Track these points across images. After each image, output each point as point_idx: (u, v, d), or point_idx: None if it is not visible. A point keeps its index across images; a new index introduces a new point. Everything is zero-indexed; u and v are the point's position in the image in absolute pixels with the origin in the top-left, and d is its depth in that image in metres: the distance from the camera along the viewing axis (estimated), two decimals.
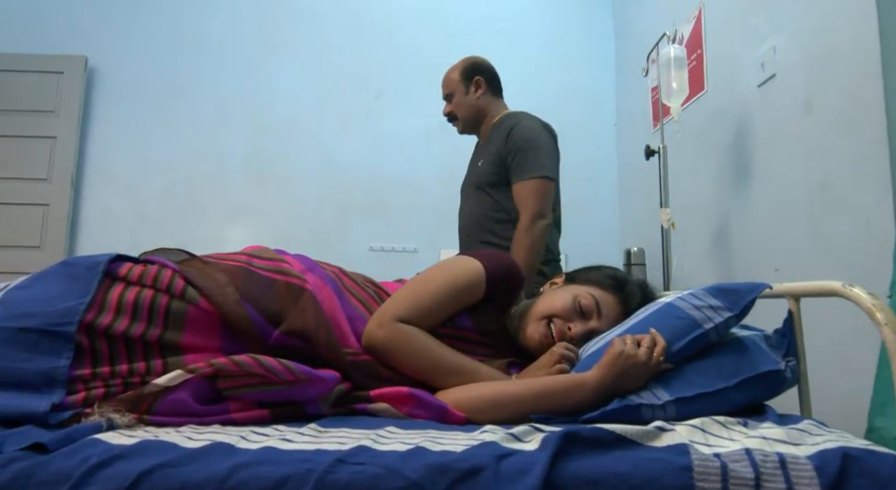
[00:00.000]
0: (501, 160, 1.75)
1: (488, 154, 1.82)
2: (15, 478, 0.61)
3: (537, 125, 1.78)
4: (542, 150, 1.71)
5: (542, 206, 1.67)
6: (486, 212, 1.79)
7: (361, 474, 0.63)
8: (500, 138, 1.78)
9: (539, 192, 1.68)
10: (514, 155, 1.72)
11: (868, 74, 1.22)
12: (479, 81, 1.87)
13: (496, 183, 1.77)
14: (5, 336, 0.77)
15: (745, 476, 0.64)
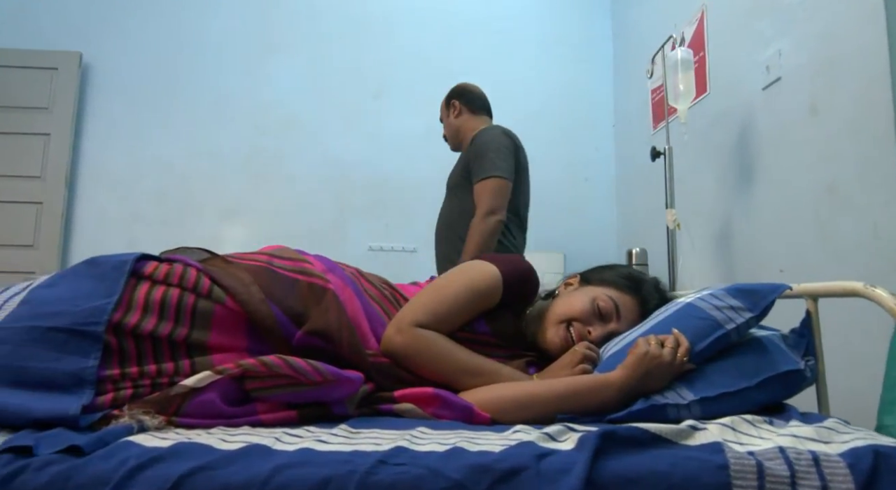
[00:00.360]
0: (465, 165, 1.93)
1: (461, 160, 2.02)
2: (52, 481, 0.60)
3: (497, 132, 1.93)
4: (497, 152, 1.84)
5: (494, 203, 1.78)
6: (454, 212, 1.94)
7: (404, 475, 0.63)
8: (468, 147, 1.98)
9: (492, 190, 1.80)
10: (473, 159, 1.88)
11: (876, 78, 1.24)
12: (455, 104, 2.11)
13: (461, 185, 1.93)
14: (33, 335, 0.76)
15: (781, 474, 0.65)
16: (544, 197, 3.07)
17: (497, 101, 3.10)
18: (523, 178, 1.95)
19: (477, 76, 3.09)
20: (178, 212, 2.80)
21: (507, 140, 1.90)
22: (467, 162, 1.93)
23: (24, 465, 0.61)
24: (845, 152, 1.33)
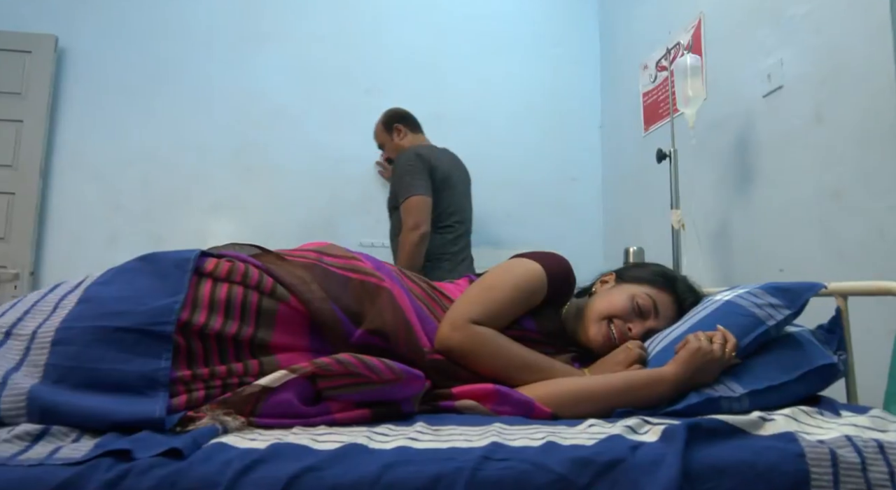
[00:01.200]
0: (392, 190, 2.19)
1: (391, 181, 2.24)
2: (158, 485, 0.58)
3: (409, 154, 2.16)
4: (410, 174, 2.09)
5: (415, 219, 2.04)
6: (395, 229, 2.18)
7: (510, 470, 0.64)
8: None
9: (410, 209, 2.06)
10: (393, 185, 2.17)
11: (882, 89, 1.32)
12: (399, 128, 2.35)
13: (396, 206, 2.16)
14: (100, 336, 0.73)
15: (852, 461, 0.70)
16: (533, 196, 3.12)
17: (486, 100, 3.14)
18: (446, 189, 2.17)
19: (467, 75, 3.12)
20: (162, 204, 2.70)
21: (416, 161, 2.13)
22: (393, 183, 2.20)
23: (127, 469, 0.59)
24: (851, 159, 1.41)
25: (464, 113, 3.02)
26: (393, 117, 2.39)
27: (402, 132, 2.36)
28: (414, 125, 2.41)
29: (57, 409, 0.65)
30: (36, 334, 0.74)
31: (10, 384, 0.66)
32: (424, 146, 2.27)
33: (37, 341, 0.73)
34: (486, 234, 2.96)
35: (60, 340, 0.72)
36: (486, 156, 3.06)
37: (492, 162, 3.03)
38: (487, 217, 2.98)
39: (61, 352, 0.72)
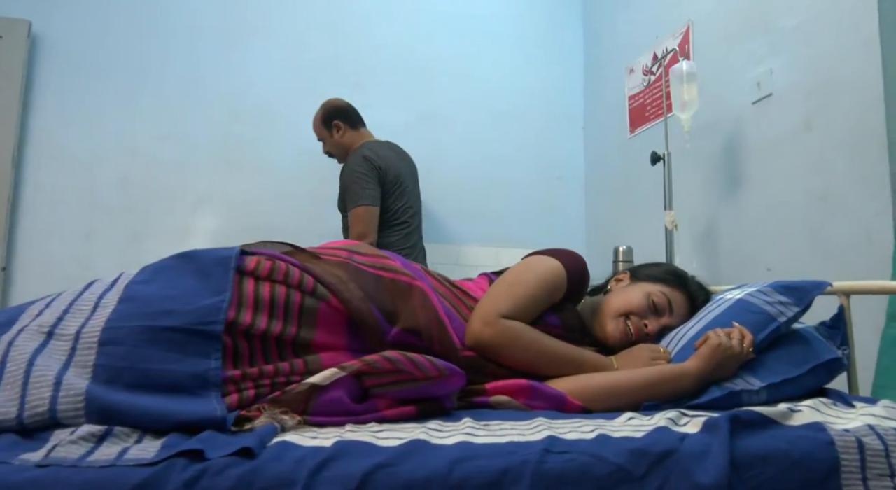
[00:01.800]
0: (343, 186, 2.23)
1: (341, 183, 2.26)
2: (237, 484, 0.58)
3: (357, 158, 2.18)
4: (358, 183, 2.13)
5: (362, 229, 2.11)
6: (345, 229, 2.28)
7: (572, 462, 0.67)
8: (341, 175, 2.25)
9: (357, 219, 2.12)
10: (343, 190, 2.22)
11: (871, 101, 1.41)
12: (338, 124, 2.33)
13: (344, 208, 2.25)
14: (149, 336, 0.72)
15: (877, 448, 0.75)
16: (518, 194, 3.17)
17: (473, 98, 3.16)
18: (397, 188, 2.23)
19: (453, 73, 3.14)
20: (142, 199, 2.61)
21: (364, 165, 2.16)
22: (344, 184, 2.22)
23: (202, 469, 0.58)
24: (839, 165, 1.49)
25: (451, 111, 3.04)
26: (332, 113, 2.36)
27: (342, 129, 2.34)
28: (354, 120, 2.38)
29: (118, 409, 0.64)
30: (80, 334, 0.72)
31: (64, 385, 0.65)
32: (369, 145, 2.26)
33: (82, 341, 0.71)
34: (473, 231, 2.99)
35: (108, 340, 0.71)
36: (472, 154, 3.09)
37: (479, 160, 3.07)
38: (474, 215, 3.01)
39: (110, 352, 0.70)
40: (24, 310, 0.79)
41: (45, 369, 0.66)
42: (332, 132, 2.35)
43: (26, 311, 0.78)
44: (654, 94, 2.44)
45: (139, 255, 2.61)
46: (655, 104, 2.43)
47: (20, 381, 0.65)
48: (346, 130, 2.34)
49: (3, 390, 0.64)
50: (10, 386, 0.64)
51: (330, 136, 2.35)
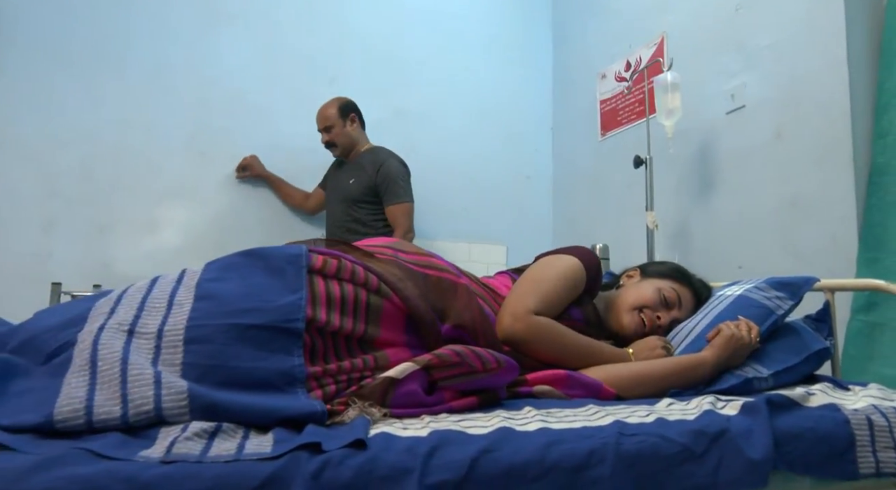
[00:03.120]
0: (371, 184, 2.37)
1: (360, 178, 2.40)
2: (357, 474, 0.61)
3: (399, 160, 2.45)
4: (405, 180, 2.40)
5: (408, 225, 2.36)
6: (355, 222, 2.39)
7: (644, 443, 0.73)
8: (371, 169, 2.40)
9: (405, 214, 2.36)
10: (384, 183, 2.37)
11: (838, 117, 1.57)
12: (354, 117, 2.49)
13: (364, 200, 2.39)
14: (235, 334, 0.72)
15: (882, 424, 0.87)
16: (489, 192, 3.24)
17: (446, 96, 3.20)
18: None
19: (429, 71, 3.16)
20: (106, 190, 2.47)
21: (404, 168, 2.44)
22: (374, 184, 2.38)
23: (324, 461, 0.60)
24: (807, 173, 1.65)
25: (425, 108, 3.06)
26: (350, 105, 2.51)
27: (356, 124, 2.49)
28: (363, 123, 2.56)
29: (222, 406, 0.64)
30: (163, 333, 0.71)
31: (165, 383, 0.64)
32: (392, 152, 2.49)
33: (166, 340, 0.71)
34: (445, 227, 3.04)
35: (194, 339, 0.70)
36: (445, 150, 3.13)
37: (451, 157, 3.11)
38: (446, 211, 3.05)
39: (198, 350, 0.70)
40: (89, 307, 0.77)
41: (141, 367, 0.65)
42: (345, 122, 2.45)
43: (93, 308, 0.76)
44: (627, 99, 2.57)
45: (103, 248, 2.49)
46: (628, 109, 2.56)
47: (118, 380, 0.64)
48: (358, 126, 2.49)
49: (101, 389, 0.63)
50: (108, 385, 0.63)
51: (342, 126, 2.45)
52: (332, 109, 2.47)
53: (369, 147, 2.52)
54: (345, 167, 2.52)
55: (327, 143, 2.49)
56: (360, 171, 2.44)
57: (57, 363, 0.69)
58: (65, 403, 0.61)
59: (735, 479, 0.75)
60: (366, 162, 2.46)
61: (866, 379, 1.09)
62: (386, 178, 2.41)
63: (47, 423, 0.60)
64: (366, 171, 2.43)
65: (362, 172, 2.44)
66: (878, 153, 1.51)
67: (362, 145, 2.51)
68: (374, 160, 2.46)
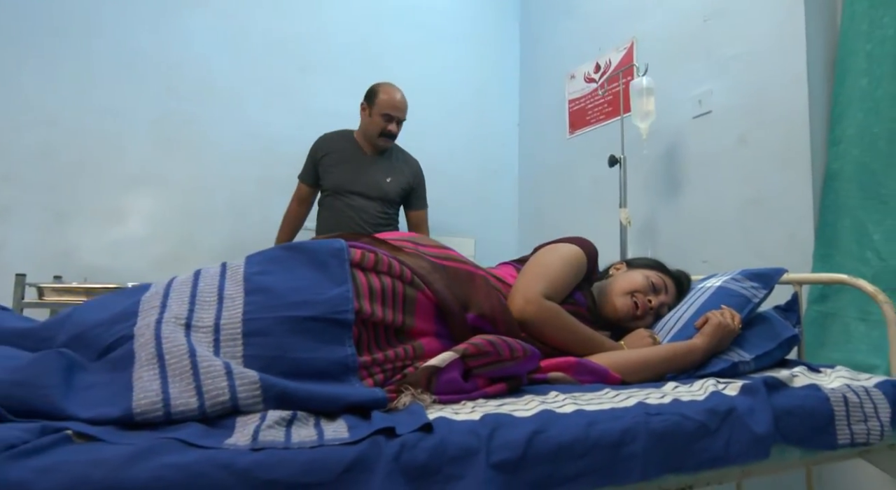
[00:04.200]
0: (407, 188, 2.41)
1: (397, 178, 2.38)
2: (432, 455, 0.65)
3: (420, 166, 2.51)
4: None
5: (428, 229, 2.51)
6: (382, 220, 2.36)
7: (668, 421, 0.81)
8: (409, 172, 2.43)
9: (427, 218, 2.51)
10: (419, 188, 2.46)
11: (797, 126, 1.72)
12: (365, 105, 2.38)
13: (394, 201, 2.40)
14: (292, 326, 0.74)
15: (855, 400, 0.99)
16: (458, 186, 3.29)
17: (417, 89, 3.19)
18: None
19: (401, 65, 3.16)
20: (66, 175, 2.35)
21: None
22: (410, 187, 2.41)
23: (401, 444, 0.64)
24: (769, 176, 1.80)
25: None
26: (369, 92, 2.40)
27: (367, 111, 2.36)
28: None
29: (294, 395, 0.67)
30: (220, 326, 0.72)
31: (237, 374, 0.66)
32: None
33: (224, 333, 0.72)
34: None
35: (252, 332, 0.72)
36: (416, 143, 3.14)
37: (424, 150, 3.12)
38: None
39: (257, 343, 0.72)
40: (136, 302, 0.77)
41: (210, 359, 0.67)
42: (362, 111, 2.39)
43: (141, 302, 0.76)
44: (595, 99, 2.68)
45: (63, 236, 2.38)
46: (597, 109, 2.68)
47: (189, 372, 0.65)
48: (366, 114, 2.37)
49: (174, 382, 0.64)
50: (180, 377, 0.65)
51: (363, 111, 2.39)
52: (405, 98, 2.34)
53: (396, 147, 2.46)
54: (367, 159, 2.37)
55: (393, 134, 2.34)
56: (395, 171, 2.39)
57: (116, 357, 0.69)
58: (141, 396, 0.62)
59: (743, 451, 0.84)
60: (400, 163, 2.43)
61: (819, 363, 1.22)
62: (421, 183, 2.47)
63: (127, 416, 0.61)
64: (403, 173, 2.41)
65: (399, 174, 2.40)
66: (832, 160, 1.67)
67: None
68: (408, 162, 2.46)
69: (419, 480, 0.63)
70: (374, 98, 2.30)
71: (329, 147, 2.39)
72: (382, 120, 2.27)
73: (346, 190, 2.33)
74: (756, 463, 0.87)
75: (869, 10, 1.63)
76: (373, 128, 2.30)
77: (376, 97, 2.29)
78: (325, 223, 2.38)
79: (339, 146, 2.38)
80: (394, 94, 2.29)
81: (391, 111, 2.26)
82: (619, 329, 1.31)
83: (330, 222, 2.35)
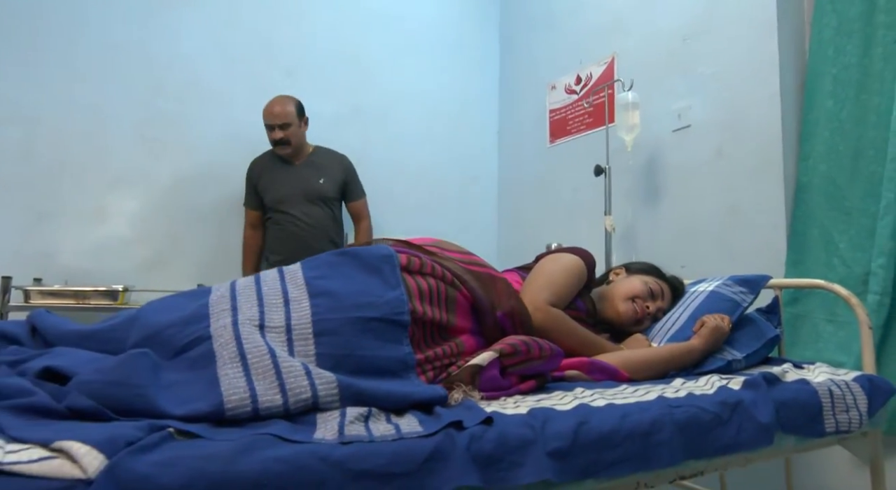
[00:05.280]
0: (341, 183, 2.55)
1: (329, 176, 2.52)
2: (497, 445, 0.71)
3: (350, 160, 2.65)
4: (357, 176, 2.65)
5: (369, 215, 2.67)
6: (330, 219, 2.51)
7: (687, 413, 0.90)
8: (337, 167, 2.56)
9: (366, 205, 2.67)
10: (352, 180, 2.60)
11: (771, 140, 1.86)
12: (306, 119, 2.54)
13: (334, 199, 2.55)
14: (359, 326, 0.79)
15: (839, 393, 1.11)
16: (440, 190, 3.36)
17: (401, 96, 3.27)
18: None
19: (385, 71, 3.21)
20: (47, 174, 2.28)
21: None
22: (343, 181, 2.56)
23: (469, 435, 0.70)
24: (745, 187, 1.94)
25: (381, 107, 3.11)
26: (303, 107, 2.52)
27: (306, 127, 2.55)
28: None
29: (368, 393, 0.72)
30: (291, 327, 0.77)
31: (315, 373, 0.70)
32: None
33: (296, 333, 0.76)
34: (400, 223, 3.11)
35: (322, 332, 0.77)
36: (401, 150, 3.20)
37: (406, 156, 3.19)
38: (401, 208, 3.13)
39: (328, 342, 0.76)
40: (203, 304, 0.80)
41: (288, 360, 0.71)
42: (300, 123, 2.49)
43: (210, 305, 0.79)
44: (576, 110, 2.80)
45: (44, 237, 2.31)
46: (578, 120, 2.79)
47: (272, 371, 0.69)
48: (305, 129, 2.55)
49: (258, 380, 0.68)
50: (264, 376, 0.69)
51: (298, 126, 2.47)
52: (290, 107, 2.45)
53: (315, 147, 2.60)
54: (296, 169, 2.51)
55: (280, 140, 2.43)
56: (323, 170, 2.52)
57: (194, 356, 0.72)
58: (231, 392, 0.66)
59: (751, 439, 0.94)
60: (325, 160, 2.56)
61: (801, 360, 1.35)
62: (352, 174, 2.61)
63: (218, 412, 0.65)
64: (332, 169, 2.54)
65: (328, 171, 2.53)
66: (802, 173, 1.82)
67: (308, 147, 2.58)
68: (333, 157, 2.59)
69: (487, 468, 0.69)
70: None
71: (261, 167, 2.53)
72: (268, 132, 2.45)
73: (287, 200, 2.47)
74: (760, 450, 0.97)
75: (834, 37, 1.79)
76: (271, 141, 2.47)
77: None
78: (276, 237, 2.48)
79: (269, 164, 2.53)
80: (268, 107, 2.45)
81: (267, 121, 2.44)
82: (616, 331, 1.41)
83: (280, 236, 2.47)
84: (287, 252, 2.39)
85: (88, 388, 0.62)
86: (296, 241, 2.44)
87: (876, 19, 1.69)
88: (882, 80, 1.66)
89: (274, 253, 2.45)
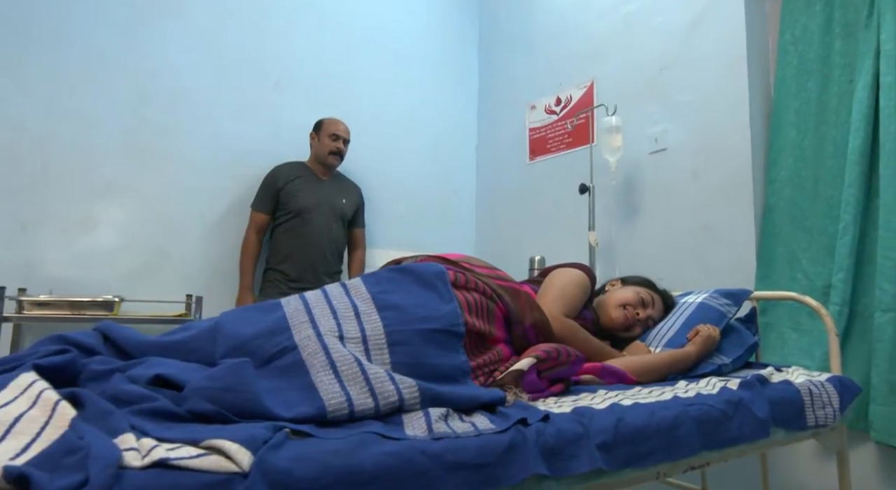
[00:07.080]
0: (356, 208, 2.75)
1: (350, 199, 2.71)
2: (557, 439, 0.81)
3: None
4: None
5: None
6: (341, 240, 2.68)
7: (700, 410, 1.02)
8: (356, 193, 2.79)
9: (364, 237, 2.85)
10: (361, 208, 2.81)
11: (741, 164, 2.06)
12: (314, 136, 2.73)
13: (349, 220, 2.73)
14: (425, 337, 0.87)
15: (817, 392, 1.26)
16: (421, 203, 3.45)
17: (385, 110, 3.35)
18: None
19: (369, 86, 3.28)
20: (31, 183, 2.22)
21: None
22: (357, 207, 2.76)
23: (535, 430, 0.79)
24: (718, 206, 2.13)
25: (365, 120, 3.17)
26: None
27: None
28: None
29: (445, 396, 0.80)
30: (366, 338, 0.84)
31: (398, 379, 0.78)
32: None
33: (371, 343, 0.84)
34: (383, 235, 3.18)
35: (396, 342, 0.85)
36: (385, 163, 3.28)
37: (390, 169, 3.26)
38: (385, 220, 3.20)
39: (401, 351, 0.84)
40: (280, 316, 0.86)
41: (372, 367, 0.78)
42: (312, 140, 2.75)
43: (287, 317, 0.86)
44: (557, 130, 2.96)
45: (27, 247, 2.26)
46: (557, 139, 2.95)
47: (361, 377, 0.76)
48: None
49: (350, 386, 0.75)
50: (355, 382, 0.76)
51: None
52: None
53: (339, 173, 2.80)
54: (324, 183, 2.66)
55: (340, 153, 2.67)
56: (346, 192, 2.72)
57: (284, 365, 0.79)
58: (330, 397, 0.73)
59: (751, 432, 1.07)
60: (348, 184, 2.78)
61: (780, 364, 1.51)
62: (363, 203, 2.83)
63: (320, 415, 0.72)
64: (352, 194, 2.75)
65: (349, 194, 2.73)
66: (769, 195, 2.02)
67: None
68: (351, 183, 2.81)
69: (551, 458, 0.79)
70: (320, 127, 2.69)
71: (290, 174, 2.62)
72: (330, 140, 2.63)
73: (313, 210, 2.56)
74: (758, 442, 1.11)
75: (796, 75, 2.00)
76: (323, 149, 2.64)
77: (322, 125, 2.69)
78: (288, 243, 2.53)
79: (299, 172, 2.63)
80: (336, 121, 2.70)
81: (336, 131, 2.66)
82: (614, 338, 1.54)
83: (295, 243, 2.53)
84: (299, 259, 2.49)
85: (205, 393, 0.68)
86: (313, 251, 2.53)
87: (832, 61, 1.91)
88: (838, 114, 1.87)
89: (282, 260, 2.51)
